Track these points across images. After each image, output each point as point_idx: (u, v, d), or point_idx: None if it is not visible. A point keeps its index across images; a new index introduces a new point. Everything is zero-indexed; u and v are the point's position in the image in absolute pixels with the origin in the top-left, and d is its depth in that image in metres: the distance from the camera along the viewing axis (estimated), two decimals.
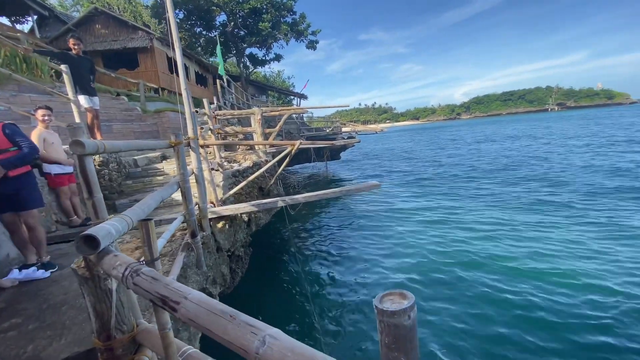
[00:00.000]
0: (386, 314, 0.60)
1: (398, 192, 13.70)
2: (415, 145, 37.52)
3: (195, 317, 0.90)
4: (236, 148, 7.54)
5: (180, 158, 2.78)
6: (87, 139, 1.59)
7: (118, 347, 1.55)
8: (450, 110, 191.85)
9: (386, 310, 0.60)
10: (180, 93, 3.30)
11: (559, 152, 21.04)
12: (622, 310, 4.62)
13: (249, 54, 26.70)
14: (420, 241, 7.73)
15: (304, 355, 0.70)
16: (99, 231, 1.34)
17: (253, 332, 0.78)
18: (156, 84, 13.82)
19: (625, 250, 6.40)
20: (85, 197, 1.65)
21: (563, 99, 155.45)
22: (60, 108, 6.62)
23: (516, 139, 32.94)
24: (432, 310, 5.06)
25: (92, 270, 1.47)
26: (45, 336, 2.08)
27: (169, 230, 2.51)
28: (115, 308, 1.56)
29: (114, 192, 5.18)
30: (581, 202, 9.74)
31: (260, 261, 6.94)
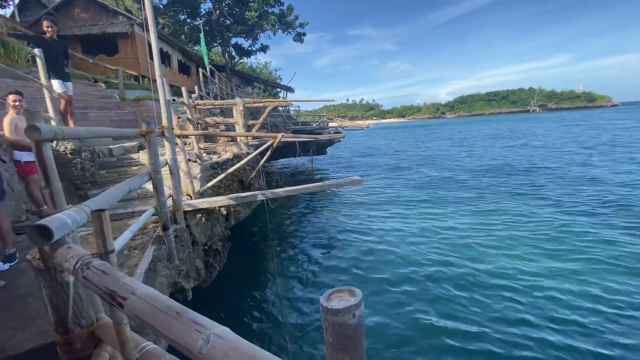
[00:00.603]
0: (330, 312, 0.59)
1: (382, 189, 13.82)
2: (401, 144, 37.95)
3: (141, 314, 0.86)
4: (217, 139, 7.39)
5: (152, 148, 2.69)
6: (43, 124, 1.51)
7: (76, 341, 1.50)
8: (436, 109, 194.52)
9: (330, 309, 0.59)
10: (154, 80, 3.18)
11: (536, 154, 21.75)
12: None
13: (235, 43, 26.14)
14: (398, 239, 7.83)
15: (247, 354, 0.68)
16: (54, 221, 1.27)
17: (198, 330, 0.75)
18: (136, 72, 13.35)
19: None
20: (42, 185, 1.57)
21: (545, 101, 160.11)
22: (35, 94, 6.30)
23: (505, 139, 33.65)
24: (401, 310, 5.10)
25: (47, 262, 1.40)
26: (10, 327, 2.01)
27: (138, 223, 2.43)
28: (72, 302, 1.50)
29: (87, 182, 4.99)
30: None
31: (238, 255, 6.87)
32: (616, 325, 4.43)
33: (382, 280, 6.02)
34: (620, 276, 5.58)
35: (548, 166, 16.04)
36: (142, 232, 3.23)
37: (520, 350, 4.14)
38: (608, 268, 5.87)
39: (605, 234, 7.28)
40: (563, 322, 4.57)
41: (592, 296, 5.09)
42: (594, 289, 5.28)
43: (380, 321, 4.87)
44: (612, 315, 4.63)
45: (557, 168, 15.40)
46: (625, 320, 4.53)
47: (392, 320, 4.90)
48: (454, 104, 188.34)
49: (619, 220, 8.03)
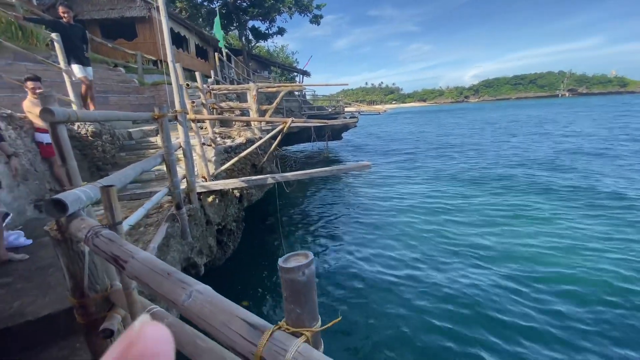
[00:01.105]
0: (284, 270, 0.67)
1: (396, 176, 13.72)
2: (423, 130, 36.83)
3: (139, 274, 0.98)
4: (232, 124, 7.53)
5: (165, 131, 2.82)
6: (57, 107, 1.63)
7: (91, 305, 1.67)
8: (459, 92, 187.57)
9: (284, 267, 0.67)
10: (165, 60, 3.28)
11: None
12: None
13: (252, 27, 25.98)
14: (409, 228, 7.82)
15: (221, 307, 0.77)
16: (69, 196, 1.41)
17: (183, 287, 0.86)
18: (155, 56, 13.56)
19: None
20: (59, 164, 1.71)
21: (575, 85, 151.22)
22: (55, 78, 6.57)
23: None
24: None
25: (63, 233, 1.55)
26: (31, 294, 2.22)
27: (151, 201, 2.59)
28: (88, 269, 1.66)
29: (108, 164, 5.26)
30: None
31: (253, 236, 7.11)
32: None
33: (385, 265, 6.12)
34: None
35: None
36: (158, 211, 3.42)
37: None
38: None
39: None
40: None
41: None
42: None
43: (383, 301, 5.00)
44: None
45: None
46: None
47: (394, 303, 5.01)
48: (479, 87, 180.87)
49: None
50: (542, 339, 4.09)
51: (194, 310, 0.79)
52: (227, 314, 0.75)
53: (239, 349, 0.69)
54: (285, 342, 0.65)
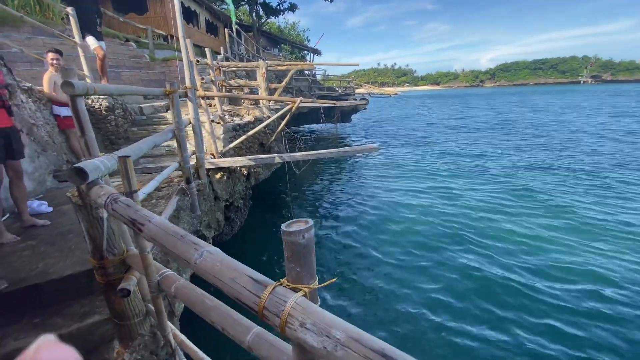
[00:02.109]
0: (286, 234, 0.75)
1: (406, 159, 13.65)
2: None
3: (155, 236, 1.08)
4: (241, 102, 7.55)
5: (175, 107, 2.89)
6: (77, 81, 1.71)
7: (109, 266, 1.81)
8: (474, 76, 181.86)
9: (286, 230, 0.75)
10: (177, 37, 3.31)
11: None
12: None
13: (263, 2, 25.32)
14: (412, 212, 7.89)
15: (229, 265, 0.87)
16: (88, 165, 1.51)
17: (195, 248, 0.96)
18: (165, 31, 13.47)
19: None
20: (78, 135, 1.81)
21: (599, 71, 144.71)
22: (71, 52, 6.62)
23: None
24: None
25: (84, 199, 1.67)
26: (54, 256, 2.39)
27: (162, 174, 2.71)
28: (106, 234, 1.79)
29: (120, 138, 5.39)
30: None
31: (259, 214, 7.29)
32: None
33: (388, 243, 6.28)
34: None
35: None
36: (169, 185, 3.55)
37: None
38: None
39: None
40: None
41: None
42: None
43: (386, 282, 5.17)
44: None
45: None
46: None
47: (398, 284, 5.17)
48: (495, 71, 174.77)
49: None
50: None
51: (205, 267, 0.88)
52: (235, 271, 0.84)
53: (244, 300, 0.79)
54: (285, 295, 0.74)
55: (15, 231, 2.86)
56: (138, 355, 1.96)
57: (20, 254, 2.51)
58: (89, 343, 1.97)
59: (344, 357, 0.61)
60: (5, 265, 2.37)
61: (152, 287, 1.57)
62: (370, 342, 0.61)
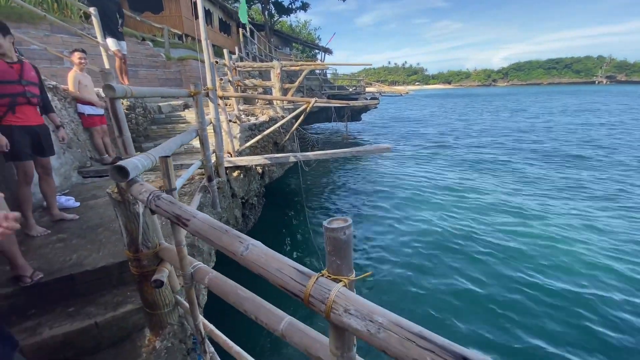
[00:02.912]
0: (329, 230, 0.84)
1: (418, 161, 13.62)
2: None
3: (201, 230, 1.18)
4: (255, 102, 7.68)
5: (199, 107, 3.01)
6: (117, 84, 1.83)
7: (144, 258, 1.92)
8: (487, 75, 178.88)
9: (329, 227, 0.84)
10: (199, 40, 3.43)
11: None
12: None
13: (275, 1, 25.47)
14: (431, 214, 7.88)
15: (274, 257, 0.96)
16: (129, 164, 1.62)
17: (240, 241, 1.05)
18: (180, 30, 13.70)
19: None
20: (116, 135, 1.93)
21: (614, 72, 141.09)
22: (89, 50, 6.82)
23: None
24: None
25: (123, 196, 1.79)
26: (86, 249, 2.53)
27: (188, 172, 2.82)
28: (142, 228, 1.91)
29: (140, 136, 5.57)
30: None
31: (272, 211, 7.42)
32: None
33: (399, 242, 6.33)
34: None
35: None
36: (190, 182, 3.68)
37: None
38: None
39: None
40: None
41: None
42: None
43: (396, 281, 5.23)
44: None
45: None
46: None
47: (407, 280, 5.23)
48: (508, 70, 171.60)
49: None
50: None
51: (252, 259, 0.98)
52: (280, 263, 0.93)
53: (290, 288, 0.88)
54: (328, 285, 0.83)
55: (45, 225, 3.02)
56: (168, 343, 2.08)
57: (53, 247, 2.66)
58: (122, 330, 2.10)
59: (386, 338, 0.70)
60: (39, 257, 2.51)
61: (186, 278, 1.68)
62: (410, 326, 0.69)
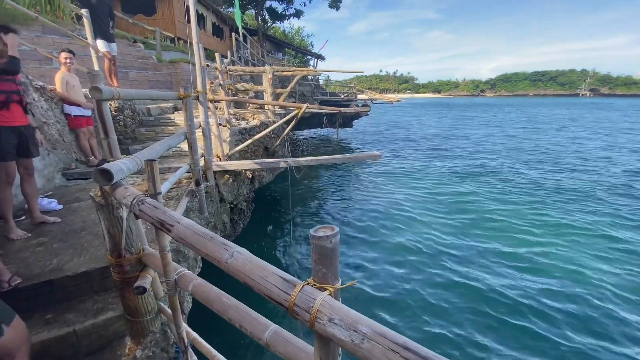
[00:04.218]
0: (315, 238, 0.83)
1: (407, 168, 13.75)
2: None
3: (185, 236, 1.16)
4: (246, 106, 7.65)
5: (188, 110, 2.97)
6: (104, 86, 1.79)
7: (126, 264, 1.87)
8: (475, 86, 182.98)
9: (315, 235, 0.83)
10: (192, 43, 3.41)
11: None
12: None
13: (269, 7, 25.61)
14: (419, 222, 7.95)
15: (258, 265, 0.94)
16: (113, 167, 1.59)
17: (225, 248, 1.03)
18: (172, 33, 13.62)
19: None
20: (102, 137, 1.89)
21: (598, 85, 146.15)
22: (80, 51, 6.72)
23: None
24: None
25: (107, 199, 1.74)
26: (67, 253, 2.45)
27: (175, 176, 2.78)
28: (125, 233, 1.86)
29: (128, 138, 5.47)
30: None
31: (261, 217, 7.36)
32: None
33: (386, 249, 6.35)
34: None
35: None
36: (177, 186, 3.62)
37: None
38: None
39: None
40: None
41: None
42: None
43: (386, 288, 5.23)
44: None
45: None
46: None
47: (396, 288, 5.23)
48: (496, 81, 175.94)
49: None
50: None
51: (236, 266, 0.96)
52: (265, 271, 0.92)
53: (275, 297, 0.86)
54: (313, 294, 0.82)
55: (25, 228, 2.92)
56: (149, 352, 2.02)
57: (33, 251, 2.57)
58: (102, 339, 2.03)
59: (369, 349, 0.69)
60: (18, 261, 2.42)
61: (170, 285, 1.64)
62: (394, 337, 0.69)
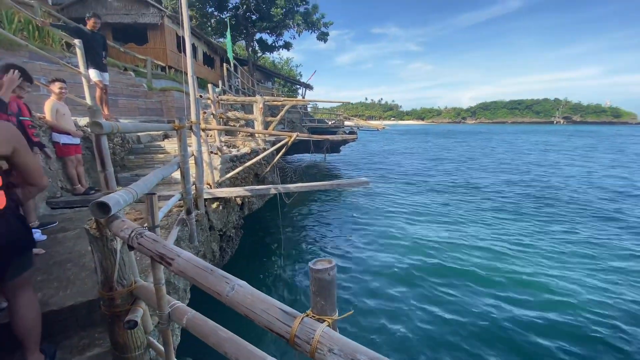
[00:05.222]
0: (314, 271, 0.89)
1: (394, 193, 13.98)
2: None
3: (185, 270, 1.19)
4: (237, 133, 7.78)
5: (182, 141, 3.04)
6: (105, 121, 1.86)
7: (118, 297, 1.85)
8: (456, 113, 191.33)
9: (314, 268, 0.89)
10: (186, 72, 3.54)
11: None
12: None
13: (259, 38, 26.63)
14: (410, 248, 8.01)
15: (259, 298, 0.99)
16: (110, 199, 1.62)
17: (226, 281, 1.07)
18: (164, 62, 13.93)
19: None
20: (99, 170, 1.93)
21: (570, 113, 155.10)
22: (69, 79, 6.78)
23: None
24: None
25: (101, 231, 1.75)
26: (52, 287, 2.38)
27: (167, 205, 2.79)
28: (118, 265, 1.86)
29: (117, 166, 5.44)
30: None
31: (250, 244, 7.27)
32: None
33: (376, 274, 6.34)
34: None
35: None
36: (168, 215, 3.61)
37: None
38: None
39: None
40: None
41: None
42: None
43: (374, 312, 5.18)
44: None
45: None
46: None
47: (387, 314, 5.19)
48: (476, 109, 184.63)
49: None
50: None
51: (238, 299, 1.00)
52: (266, 303, 0.96)
53: (276, 329, 0.91)
54: (313, 325, 0.87)
55: None
56: None
57: None
58: None
59: None
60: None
61: (163, 318, 1.63)
62: None
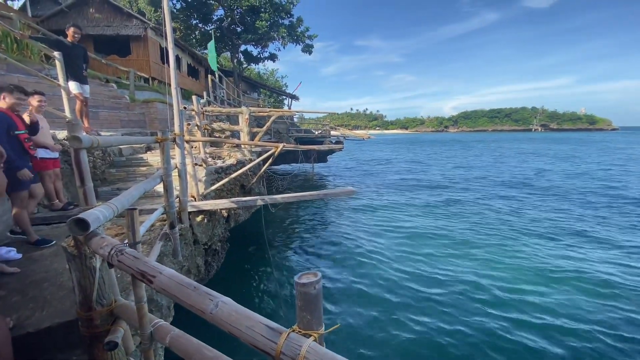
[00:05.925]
0: (300, 285, 0.89)
1: (380, 202, 14.09)
2: None
3: (167, 287, 1.16)
4: (222, 145, 7.72)
5: (165, 154, 3.00)
6: (84, 135, 1.82)
7: (97, 317, 1.78)
8: (439, 122, 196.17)
9: (300, 282, 0.89)
10: (169, 84, 3.51)
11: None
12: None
13: (244, 50, 26.73)
14: (389, 251, 8.08)
15: (244, 314, 0.97)
16: (89, 216, 1.57)
17: (210, 298, 1.05)
18: (147, 74, 13.77)
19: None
20: (78, 185, 1.87)
21: (547, 121, 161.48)
22: (47, 91, 6.62)
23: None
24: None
25: (80, 249, 1.69)
26: (28, 308, 2.27)
27: (149, 220, 2.73)
28: (97, 284, 1.79)
29: (97, 180, 5.30)
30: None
31: (236, 257, 7.14)
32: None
33: (365, 284, 6.32)
34: None
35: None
36: (150, 229, 3.52)
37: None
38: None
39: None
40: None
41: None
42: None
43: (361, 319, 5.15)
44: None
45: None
46: None
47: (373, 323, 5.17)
48: (458, 118, 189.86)
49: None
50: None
51: (222, 317, 0.98)
52: (251, 320, 0.95)
53: (261, 346, 0.89)
54: (299, 341, 0.86)
55: None
56: None
57: None
58: None
59: None
60: None
61: (145, 338, 1.58)
62: None
